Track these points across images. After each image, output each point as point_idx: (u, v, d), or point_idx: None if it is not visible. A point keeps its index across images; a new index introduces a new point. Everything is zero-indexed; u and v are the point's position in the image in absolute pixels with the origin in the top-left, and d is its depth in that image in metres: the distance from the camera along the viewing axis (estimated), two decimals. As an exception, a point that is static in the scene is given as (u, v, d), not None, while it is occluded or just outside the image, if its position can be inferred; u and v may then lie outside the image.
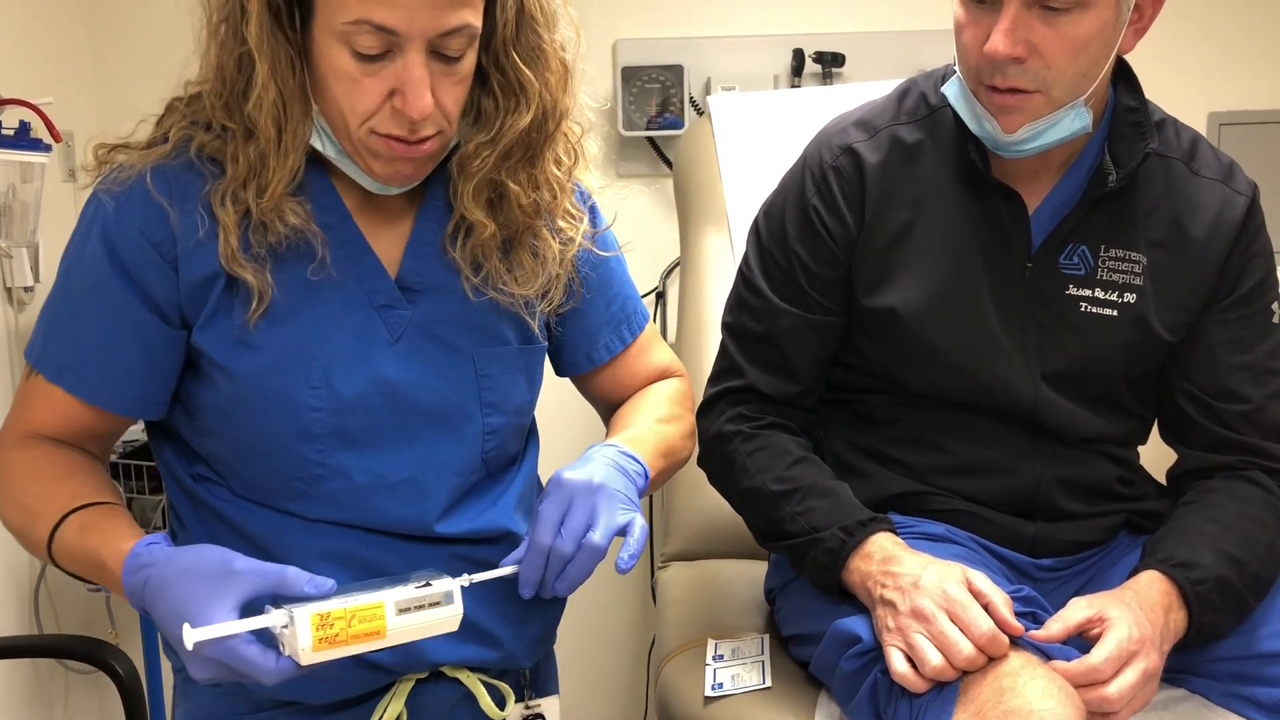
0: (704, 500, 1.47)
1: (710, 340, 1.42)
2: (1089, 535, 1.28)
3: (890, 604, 1.07)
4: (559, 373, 1.22)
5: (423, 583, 0.92)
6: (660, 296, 2.17)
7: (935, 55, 1.19)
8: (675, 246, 1.92)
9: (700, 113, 2.07)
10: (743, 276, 1.32)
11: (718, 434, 1.29)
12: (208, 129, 1.01)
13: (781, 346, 1.27)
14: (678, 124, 2.09)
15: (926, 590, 1.04)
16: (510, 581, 1.00)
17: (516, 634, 1.10)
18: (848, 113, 1.31)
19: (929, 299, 1.22)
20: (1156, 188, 1.23)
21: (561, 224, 1.10)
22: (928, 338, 1.22)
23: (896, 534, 1.16)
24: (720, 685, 1.24)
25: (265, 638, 0.88)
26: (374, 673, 1.04)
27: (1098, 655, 1.02)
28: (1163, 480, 1.34)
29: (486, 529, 1.08)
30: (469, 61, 0.97)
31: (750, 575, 1.48)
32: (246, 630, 0.86)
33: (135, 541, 0.94)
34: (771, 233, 1.29)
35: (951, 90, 1.19)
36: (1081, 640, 1.06)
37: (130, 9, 2.24)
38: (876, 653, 1.08)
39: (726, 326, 1.33)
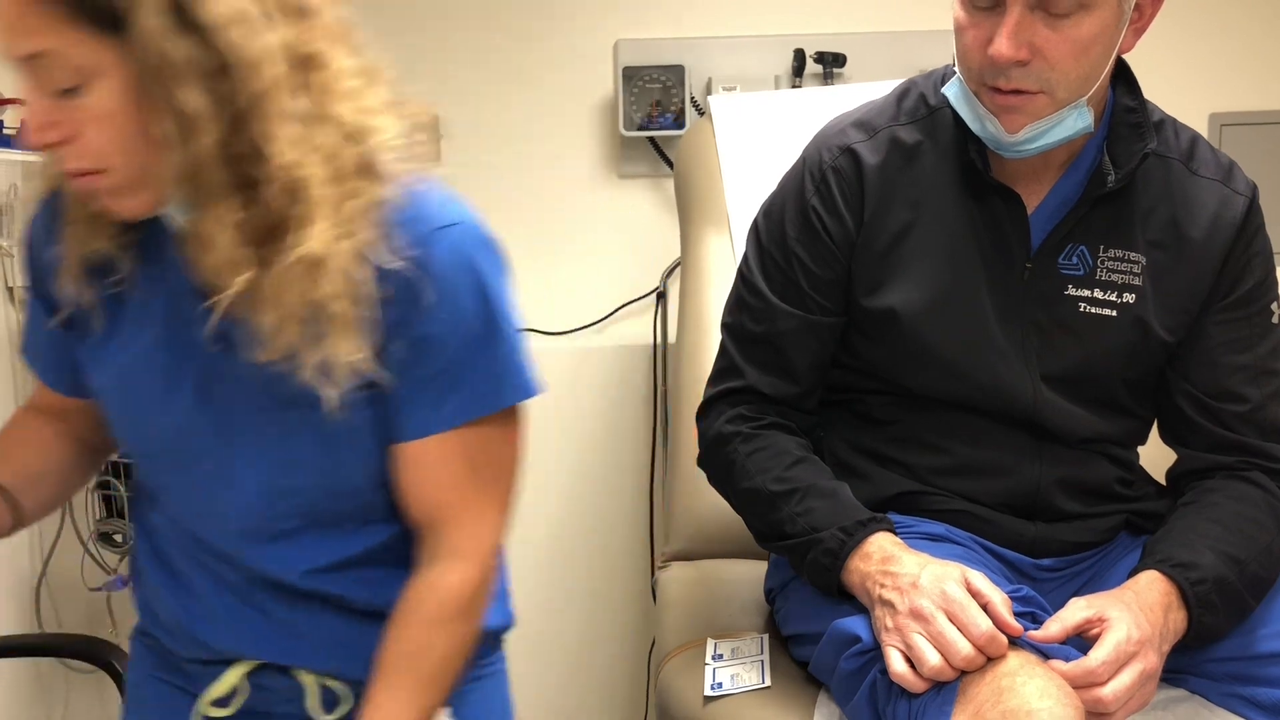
0: (704, 500, 1.47)
1: (711, 340, 1.42)
2: (1088, 535, 1.28)
3: (889, 604, 1.07)
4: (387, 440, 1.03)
5: None
6: (661, 296, 2.17)
7: (936, 55, 1.19)
8: (676, 246, 1.93)
9: (701, 113, 2.07)
10: (742, 277, 1.32)
11: (717, 435, 1.29)
12: None
13: (781, 347, 1.27)
14: (679, 124, 2.09)
15: (925, 590, 1.05)
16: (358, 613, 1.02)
17: (356, 655, 1.04)
18: (847, 113, 1.31)
19: (928, 300, 1.22)
20: (1155, 188, 1.23)
21: (277, 293, 0.93)
22: (927, 338, 1.22)
23: (896, 534, 1.16)
24: (719, 685, 1.24)
25: None
26: (207, 649, 1.06)
27: (1095, 657, 1.02)
28: (1162, 480, 1.35)
29: (282, 576, 1.04)
30: (96, 98, 0.87)
31: (750, 575, 1.48)
32: None
33: None
34: (771, 233, 1.29)
35: (952, 91, 1.19)
36: (1081, 640, 1.06)
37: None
38: (875, 653, 1.08)
39: (726, 327, 1.33)
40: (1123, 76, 1.23)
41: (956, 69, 1.18)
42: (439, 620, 1.01)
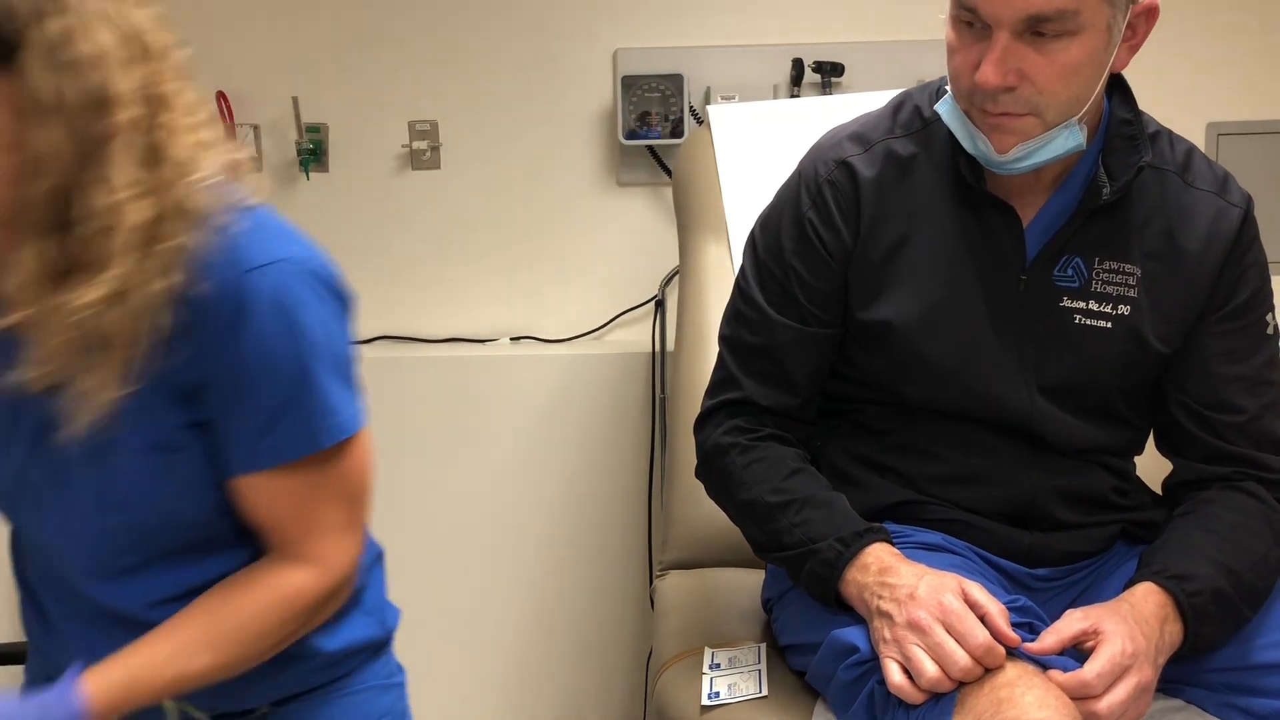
0: (702, 509, 1.47)
1: (709, 348, 1.42)
2: (1085, 545, 1.28)
3: (887, 615, 1.07)
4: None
5: None
6: (659, 305, 2.17)
7: (935, 65, 1.20)
8: (674, 254, 1.93)
9: (700, 121, 2.07)
10: (739, 289, 1.32)
11: (715, 446, 1.29)
12: None
13: (778, 359, 1.28)
14: (678, 133, 2.09)
15: (922, 601, 1.05)
16: None
17: (217, 688, 1.03)
18: (842, 125, 1.31)
19: (924, 311, 1.22)
20: (1151, 200, 1.23)
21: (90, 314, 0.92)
22: (923, 350, 1.23)
23: (893, 544, 1.16)
24: (717, 694, 1.25)
25: None
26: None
27: (1090, 669, 1.02)
28: (1158, 490, 1.35)
29: (127, 610, 1.03)
30: None
31: (748, 584, 1.48)
32: None
33: None
34: (767, 245, 1.29)
35: (944, 109, 1.20)
36: (1077, 652, 1.07)
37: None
38: (873, 663, 1.08)
39: (724, 338, 1.34)
40: (1119, 88, 1.24)
41: (948, 85, 1.19)
42: (269, 605, 1.00)
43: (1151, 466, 1.35)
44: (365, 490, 1.04)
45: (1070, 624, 1.07)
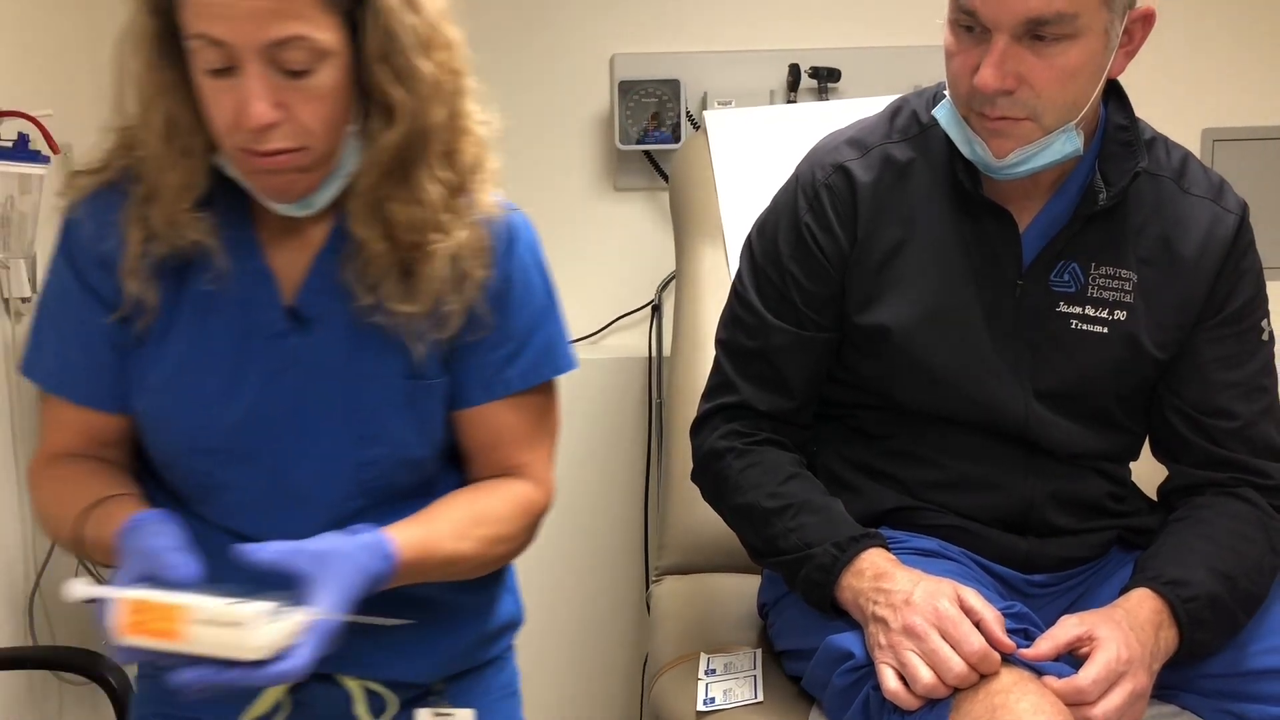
0: (698, 514, 1.47)
1: (705, 354, 1.43)
2: (1081, 551, 1.28)
3: (882, 621, 1.07)
4: (451, 406, 1.12)
5: (237, 600, 0.89)
6: (656, 310, 2.17)
7: (931, 71, 1.20)
8: (671, 259, 1.93)
9: (697, 127, 2.08)
10: (736, 293, 1.32)
11: (711, 450, 1.29)
12: (136, 155, 1.06)
13: (775, 363, 1.28)
14: (674, 138, 2.10)
15: (918, 607, 1.05)
16: (393, 606, 0.99)
17: (399, 655, 1.09)
18: (840, 130, 1.31)
19: (921, 316, 1.22)
20: (1147, 206, 1.24)
21: (455, 242, 1.06)
22: (919, 355, 1.23)
23: (889, 550, 1.16)
24: (712, 700, 1.24)
25: None
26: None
27: (1085, 676, 1.02)
28: (1154, 496, 1.35)
29: None
30: (325, 78, 0.98)
31: (744, 589, 1.48)
32: (108, 595, 0.90)
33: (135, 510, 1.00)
34: (765, 250, 1.29)
35: (942, 113, 1.20)
36: (1073, 658, 1.07)
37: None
38: (869, 669, 1.08)
39: (720, 342, 1.34)
40: (1115, 94, 1.24)
41: (947, 91, 1.19)
42: (515, 509, 1.11)
43: (1147, 472, 1.35)
44: (560, 430, 1.19)
45: (1065, 630, 1.07)
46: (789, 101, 2.11)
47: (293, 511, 1.06)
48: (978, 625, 1.03)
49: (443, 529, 1.06)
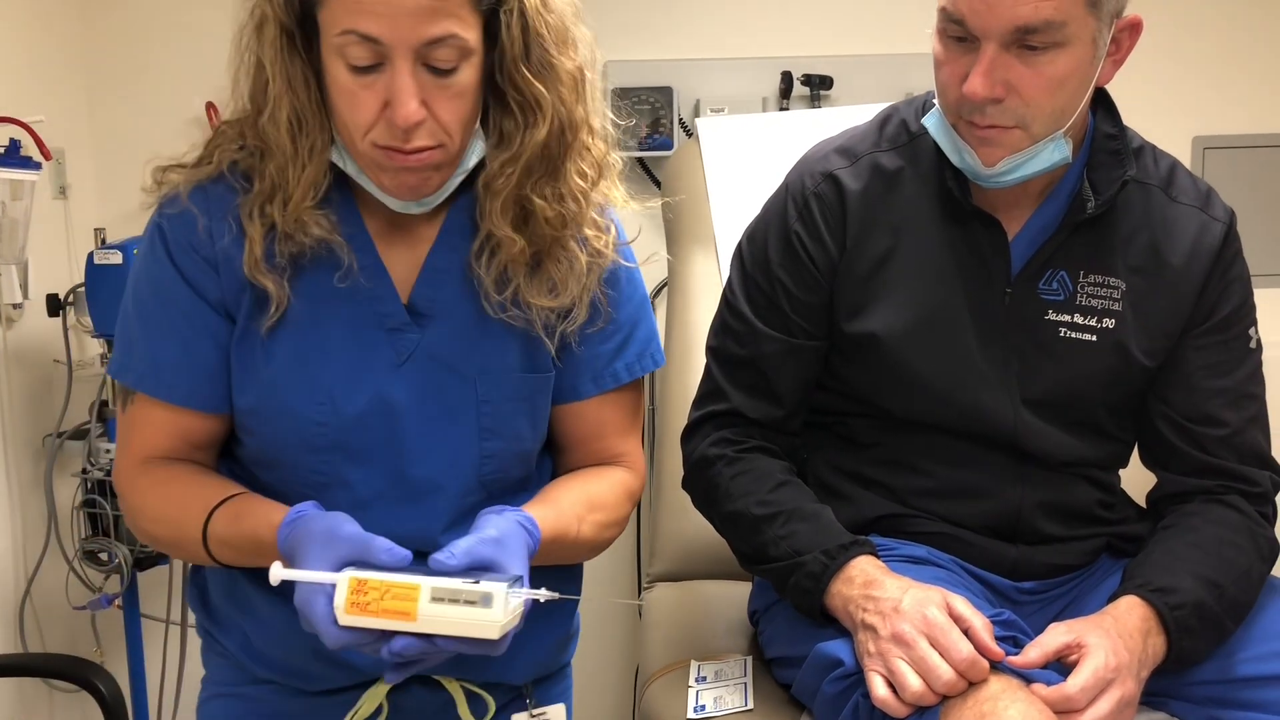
0: (689, 521, 1.47)
1: (698, 361, 1.43)
2: (1070, 558, 1.28)
3: (871, 628, 1.07)
4: (556, 400, 1.17)
5: (474, 579, 0.90)
6: (649, 316, 2.17)
7: (923, 79, 1.20)
8: (664, 267, 1.93)
9: (689, 134, 2.08)
10: (726, 301, 1.33)
11: (701, 458, 1.29)
12: (244, 149, 1.06)
13: (765, 371, 1.28)
14: (667, 145, 2.10)
15: (907, 615, 1.05)
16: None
17: (504, 657, 1.09)
18: (829, 139, 1.32)
19: (910, 324, 1.23)
20: (1135, 214, 1.24)
21: (589, 234, 1.11)
22: (908, 363, 1.23)
23: (878, 557, 1.16)
24: (703, 707, 1.24)
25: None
26: (353, 672, 1.07)
27: (1073, 683, 1.02)
28: (1143, 503, 1.35)
29: None
30: (466, 76, 0.99)
31: (735, 596, 1.48)
32: (308, 580, 0.90)
33: (285, 512, 1.00)
34: (754, 258, 1.30)
35: (931, 122, 1.20)
36: (1061, 665, 1.07)
37: (123, 27, 2.24)
38: (858, 676, 1.08)
39: (711, 350, 1.34)
40: (1103, 103, 1.25)
41: (936, 100, 1.19)
42: (619, 493, 1.16)
43: (1136, 479, 1.36)
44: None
45: (1054, 637, 1.07)
46: (781, 109, 2.12)
47: (409, 508, 1.07)
48: (966, 633, 1.03)
49: (567, 511, 1.08)
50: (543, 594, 0.93)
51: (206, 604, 1.16)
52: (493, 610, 0.88)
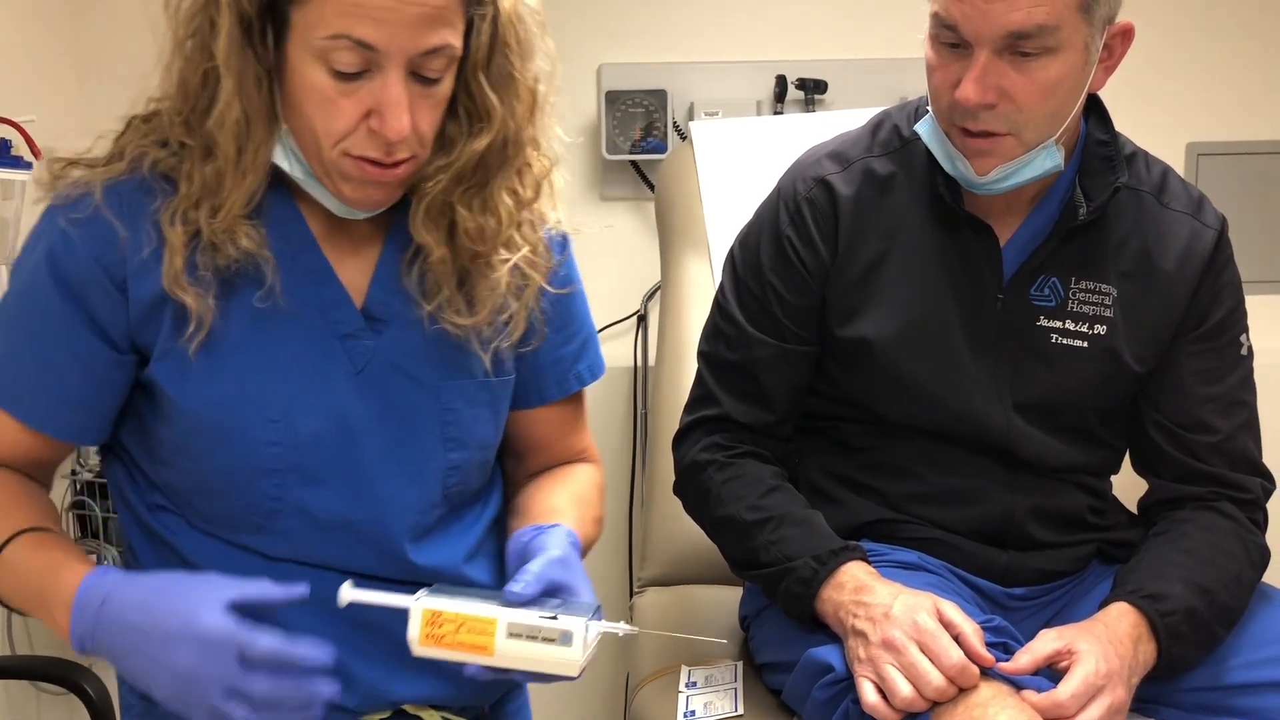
0: (680, 526, 1.46)
1: (690, 365, 1.42)
2: (1061, 564, 1.28)
3: (861, 634, 1.07)
4: (518, 405, 1.13)
5: (551, 614, 0.87)
6: (642, 320, 2.17)
7: (918, 83, 1.20)
8: (657, 270, 1.93)
9: (683, 137, 2.08)
10: (718, 305, 1.32)
11: (692, 463, 1.29)
12: (164, 146, 0.97)
13: (757, 375, 1.28)
14: (661, 148, 2.10)
15: (897, 620, 1.05)
16: None
17: (460, 681, 1.03)
18: (821, 144, 1.32)
19: (901, 329, 1.23)
20: (1127, 220, 1.24)
21: (519, 256, 1.04)
22: (900, 368, 1.23)
23: (869, 563, 1.16)
24: (693, 713, 1.24)
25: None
26: (336, 713, 0.98)
27: (1064, 690, 1.02)
28: (1134, 509, 1.35)
29: (443, 569, 1.04)
30: (446, 85, 0.94)
31: (725, 601, 1.48)
32: (389, 604, 0.88)
33: (85, 569, 0.91)
34: (746, 262, 1.29)
35: (924, 129, 1.20)
36: (1051, 672, 1.07)
37: (114, 26, 2.24)
38: (848, 682, 1.08)
39: (702, 355, 1.34)
40: (1095, 110, 1.25)
41: (929, 105, 1.19)
42: (596, 488, 1.16)
43: (1128, 485, 1.36)
44: None
45: (1045, 644, 1.07)
46: (775, 113, 2.12)
47: (369, 528, 1.00)
48: (957, 639, 1.03)
49: (576, 516, 1.07)
50: (621, 628, 0.91)
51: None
52: (572, 649, 0.86)
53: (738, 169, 1.81)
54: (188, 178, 0.94)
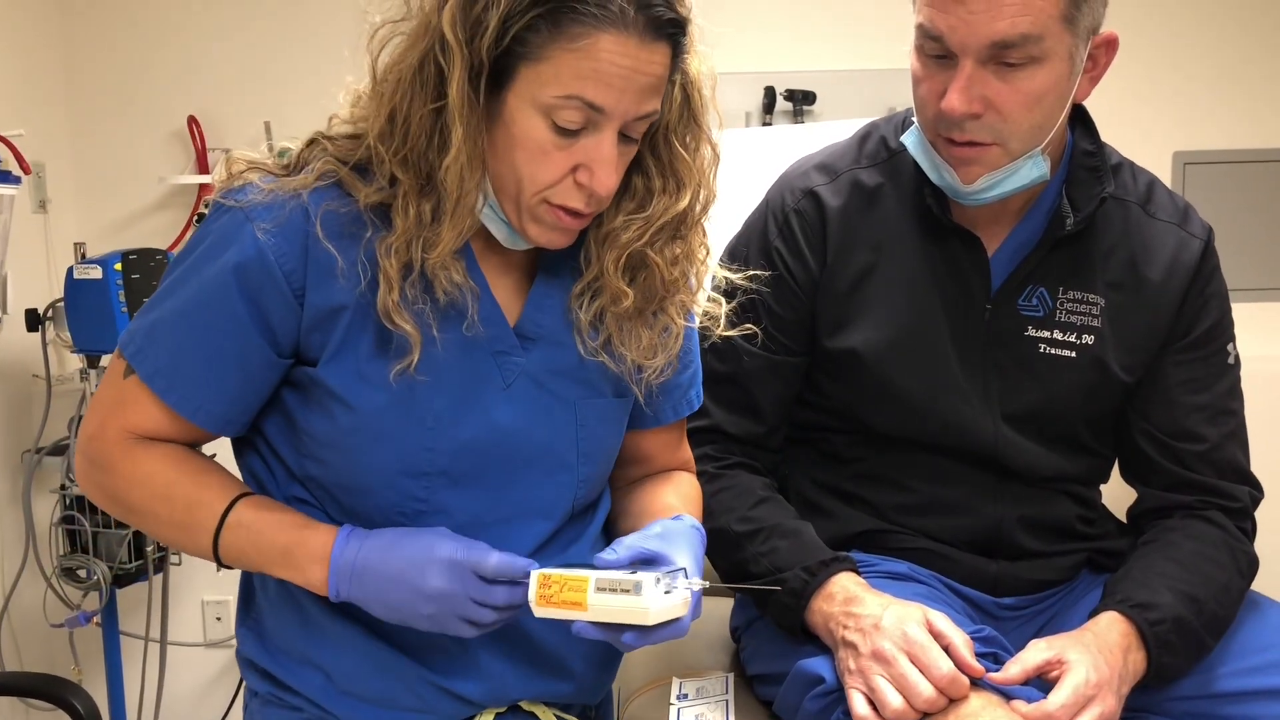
0: (671, 537, 1.46)
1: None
2: (1050, 574, 1.29)
3: (852, 645, 1.07)
4: (638, 425, 1.19)
5: (632, 570, 0.97)
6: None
7: (906, 94, 1.21)
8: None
9: (673, 148, 2.08)
10: (707, 316, 1.33)
11: (682, 474, 1.29)
12: (360, 172, 1.01)
13: (746, 387, 1.28)
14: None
15: (887, 632, 1.05)
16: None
17: (587, 667, 1.13)
18: (809, 156, 1.32)
19: (890, 340, 1.23)
20: (1114, 230, 1.25)
21: (697, 305, 1.13)
22: (889, 378, 1.23)
23: (859, 574, 1.16)
24: (684, 725, 1.24)
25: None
26: (456, 703, 1.06)
27: (1054, 700, 1.02)
28: (1124, 518, 1.35)
29: None
30: (638, 144, 1.01)
31: (717, 612, 1.48)
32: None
33: (326, 527, 1.02)
34: (735, 274, 1.29)
35: (910, 140, 1.21)
36: (1042, 682, 1.07)
37: (103, 41, 2.24)
38: (839, 694, 1.08)
39: (691, 366, 1.34)
40: (1081, 121, 1.25)
41: (914, 117, 1.20)
42: (699, 492, 1.21)
43: (1117, 494, 1.36)
44: None
45: (1034, 654, 1.07)
46: (765, 123, 2.12)
47: (499, 531, 1.04)
48: (947, 649, 1.03)
49: (694, 510, 1.14)
50: (696, 583, 0.99)
51: (270, 651, 1.09)
52: (643, 597, 0.95)
53: (727, 180, 1.80)
54: (402, 213, 0.98)
